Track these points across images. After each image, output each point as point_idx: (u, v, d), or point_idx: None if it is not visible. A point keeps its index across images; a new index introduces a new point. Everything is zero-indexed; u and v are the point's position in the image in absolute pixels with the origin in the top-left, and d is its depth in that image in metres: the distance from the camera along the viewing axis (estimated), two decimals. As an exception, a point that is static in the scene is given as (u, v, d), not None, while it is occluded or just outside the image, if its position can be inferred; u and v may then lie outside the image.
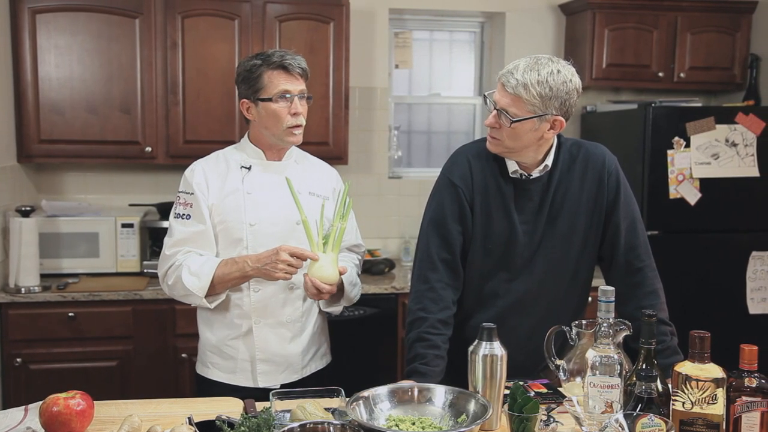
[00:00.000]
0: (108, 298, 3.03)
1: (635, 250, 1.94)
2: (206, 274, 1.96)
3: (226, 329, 2.07)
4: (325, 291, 1.91)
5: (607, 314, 1.53)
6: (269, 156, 2.08)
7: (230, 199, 2.03)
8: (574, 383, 1.72)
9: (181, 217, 2.03)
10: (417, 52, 4.13)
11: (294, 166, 2.12)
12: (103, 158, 3.29)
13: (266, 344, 2.06)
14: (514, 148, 1.86)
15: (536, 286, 1.95)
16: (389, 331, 3.29)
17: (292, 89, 1.99)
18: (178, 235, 2.02)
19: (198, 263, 1.98)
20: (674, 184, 3.42)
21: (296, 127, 2.02)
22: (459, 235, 1.93)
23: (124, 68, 3.23)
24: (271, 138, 2.04)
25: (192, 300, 2.00)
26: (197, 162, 2.10)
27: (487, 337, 1.58)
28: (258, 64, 2.00)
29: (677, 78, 3.78)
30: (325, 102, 3.42)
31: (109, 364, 3.06)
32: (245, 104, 2.04)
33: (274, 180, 2.06)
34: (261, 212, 2.03)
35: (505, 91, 1.79)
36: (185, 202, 2.04)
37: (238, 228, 2.02)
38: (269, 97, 1.98)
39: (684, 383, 1.44)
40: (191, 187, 2.03)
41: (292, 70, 1.99)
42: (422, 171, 4.15)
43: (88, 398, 1.54)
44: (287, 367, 2.08)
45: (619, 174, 1.96)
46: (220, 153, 2.13)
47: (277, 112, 1.99)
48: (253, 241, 2.01)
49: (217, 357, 2.08)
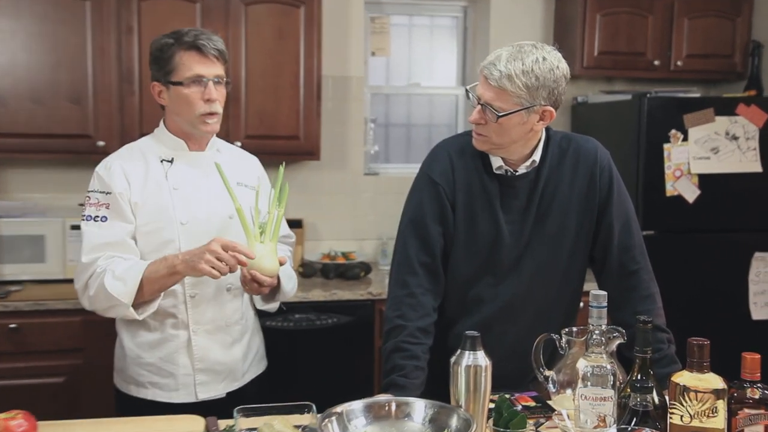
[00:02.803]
0: (55, 308, 2.99)
1: (629, 252, 1.95)
2: (133, 277, 1.89)
3: (162, 344, 2.03)
4: (266, 284, 1.92)
5: (599, 321, 1.53)
6: (192, 146, 2.06)
7: (155, 196, 1.99)
8: (564, 396, 1.72)
9: (95, 219, 1.96)
10: (395, 38, 4.13)
11: (219, 157, 2.09)
12: (51, 153, 3.24)
13: (207, 353, 2.04)
14: (502, 144, 1.86)
15: (524, 290, 1.95)
16: (365, 340, 3.28)
17: (205, 73, 1.96)
18: (95, 240, 1.95)
19: (123, 266, 1.92)
20: (671, 180, 3.45)
21: (210, 115, 1.98)
22: (440, 237, 1.93)
23: (73, 55, 3.19)
24: (185, 125, 2.02)
25: (117, 311, 1.94)
26: (112, 158, 2.04)
27: (470, 347, 1.57)
28: (170, 43, 1.96)
29: (674, 66, 3.82)
30: (295, 92, 3.40)
31: (56, 380, 3.01)
32: (156, 87, 2.01)
33: (200, 172, 2.05)
34: (192, 209, 2.01)
35: (489, 84, 1.79)
36: (99, 202, 1.97)
37: (169, 228, 1.99)
38: (180, 80, 1.95)
39: (682, 395, 1.44)
40: (108, 186, 1.97)
41: (207, 52, 1.95)
42: (401, 167, 4.15)
43: (31, 418, 1.52)
44: (228, 374, 2.08)
45: (612, 169, 1.97)
46: (134, 146, 2.09)
47: (189, 97, 1.96)
48: (187, 241, 1.98)
49: (156, 376, 2.04)
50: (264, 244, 1.90)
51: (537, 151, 1.92)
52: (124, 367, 2.09)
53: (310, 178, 3.85)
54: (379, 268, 3.76)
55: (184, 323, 2.03)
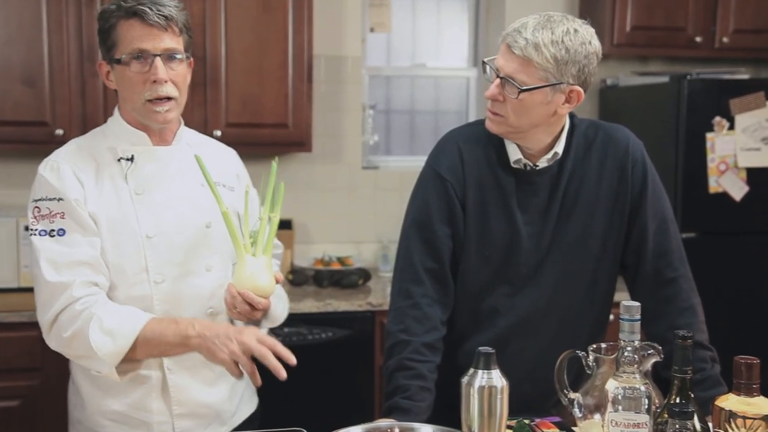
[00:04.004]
0: (7, 321, 2.99)
1: (666, 257, 1.95)
2: (126, 335, 1.74)
3: (132, 389, 1.88)
4: (261, 306, 1.79)
5: (631, 336, 1.54)
6: (155, 140, 1.93)
7: (114, 204, 1.86)
8: (591, 422, 1.73)
9: (51, 234, 1.80)
10: (397, 12, 4.13)
11: (188, 151, 1.97)
12: (1, 143, 3.25)
13: (185, 394, 1.91)
14: (520, 127, 1.87)
15: (544, 301, 1.95)
16: (364, 357, 3.29)
17: (149, 47, 1.79)
18: (59, 258, 1.79)
19: (115, 317, 1.75)
20: (715, 174, 3.46)
21: (160, 101, 1.83)
22: (448, 240, 1.93)
23: (26, 29, 3.19)
24: (135, 114, 1.89)
25: (94, 366, 1.77)
26: (57, 157, 1.89)
27: (484, 365, 1.58)
28: (111, 10, 1.82)
29: (719, 44, 3.82)
30: (283, 74, 3.41)
31: (10, 404, 3.02)
32: (103, 68, 1.89)
33: (167, 172, 1.92)
34: (160, 218, 1.88)
35: (512, 53, 1.80)
36: (52, 212, 1.81)
37: (132, 242, 1.85)
38: (119, 57, 1.82)
39: (728, 421, 1.45)
40: (58, 192, 1.82)
41: (149, 19, 1.78)
42: (404, 160, 4.16)
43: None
44: (214, 418, 1.97)
45: (646, 163, 1.97)
46: (80, 141, 1.95)
47: (131, 79, 1.82)
48: (154, 258, 1.86)
49: (125, 427, 1.91)
50: (256, 257, 1.79)
51: (560, 142, 1.93)
52: (83, 419, 1.95)
53: (301, 172, 3.85)
54: (380, 275, 3.76)
55: (157, 361, 1.88)
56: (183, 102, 1.91)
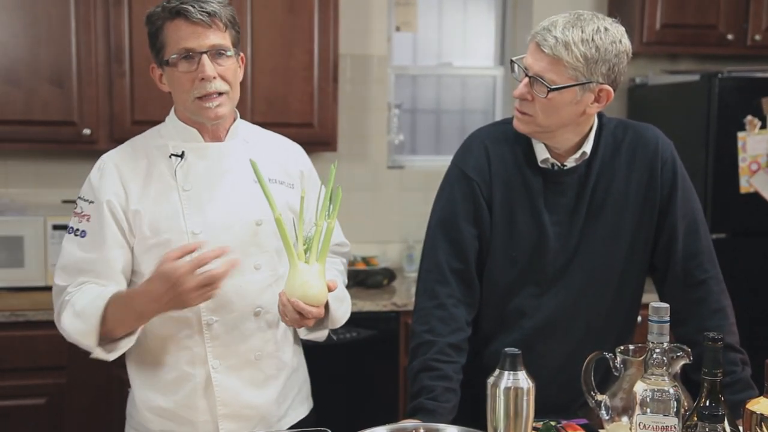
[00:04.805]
0: (35, 319, 3.02)
1: (697, 258, 1.94)
2: (91, 315, 1.77)
3: (178, 384, 1.90)
4: (312, 315, 1.75)
5: (660, 338, 1.53)
6: (206, 137, 1.93)
7: (162, 201, 1.87)
8: (619, 424, 1.72)
9: (75, 233, 1.86)
10: (423, 11, 4.13)
11: (244, 148, 1.97)
12: (30, 143, 3.28)
13: (230, 395, 1.91)
14: (549, 127, 1.86)
15: (572, 302, 1.95)
16: (389, 358, 3.30)
17: (194, 45, 1.80)
18: (69, 260, 1.86)
19: (86, 299, 1.79)
20: (746, 174, 3.43)
21: (210, 97, 1.83)
22: (474, 240, 1.93)
23: (55, 30, 3.23)
24: (187, 113, 1.90)
25: (84, 347, 1.82)
26: (108, 156, 1.92)
27: (510, 366, 1.58)
28: (156, 13, 1.83)
29: (751, 41, 3.79)
30: (309, 74, 3.42)
31: (37, 402, 3.05)
32: (155, 71, 1.91)
33: (218, 168, 1.92)
34: (206, 215, 1.87)
35: (541, 52, 1.79)
36: (82, 212, 1.87)
37: (178, 240, 1.83)
38: (168, 59, 1.83)
39: (759, 425, 1.44)
40: (94, 194, 1.86)
41: (192, 17, 1.78)
42: (429, 159, 4.16)
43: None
44: (260, 420, 1.96)
45: (675, 162, 1.96)
46: (137, 140, 1.97)
47: (180, 79, 1.83)
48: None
49: (171, 423, 1.92)
50: (309, 264, 1.74)
51: (588, 142, 1.92)
52: (133, 413, 1.99)
53: (326, 171, 3.85)
54: (405, 276, 3.77)
55: (202, 358, 1.89)
56: (235, 97, 1.91)
